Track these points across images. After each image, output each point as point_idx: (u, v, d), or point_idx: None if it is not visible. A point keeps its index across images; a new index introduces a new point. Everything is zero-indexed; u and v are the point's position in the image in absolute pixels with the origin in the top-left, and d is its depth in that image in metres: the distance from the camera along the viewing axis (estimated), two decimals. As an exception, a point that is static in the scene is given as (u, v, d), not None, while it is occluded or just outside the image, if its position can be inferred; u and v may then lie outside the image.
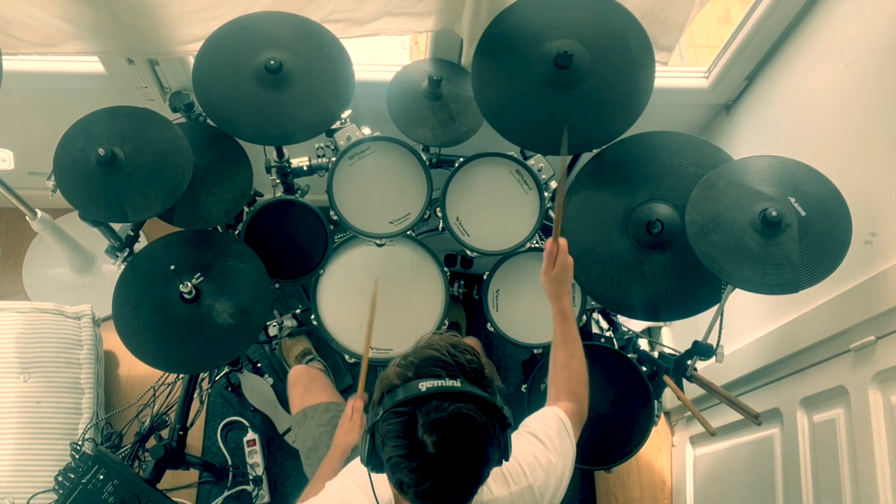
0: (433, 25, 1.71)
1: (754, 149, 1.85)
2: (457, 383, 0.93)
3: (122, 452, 1.86)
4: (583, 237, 1.57)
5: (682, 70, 2.08)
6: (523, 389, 1.72)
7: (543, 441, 1.22)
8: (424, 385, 0.92)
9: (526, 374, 1.82)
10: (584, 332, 1.82)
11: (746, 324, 1.93)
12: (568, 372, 1.35)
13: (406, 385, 0.94)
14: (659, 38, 1.70)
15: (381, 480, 1.04)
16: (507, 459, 1.00)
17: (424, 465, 0.91)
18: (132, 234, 1.71)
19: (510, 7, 1.55)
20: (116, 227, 1.68)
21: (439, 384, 0.93)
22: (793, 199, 1.33)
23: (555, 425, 1.25)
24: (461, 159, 1.71)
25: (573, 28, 1.51)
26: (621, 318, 1.92)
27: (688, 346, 1.54)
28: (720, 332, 1.45)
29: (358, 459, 1.22)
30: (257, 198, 1.85)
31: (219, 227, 1.78)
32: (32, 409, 2.06)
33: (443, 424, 0.91)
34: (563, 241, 1.38)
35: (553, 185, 1.78)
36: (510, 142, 1.54)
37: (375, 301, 1.45)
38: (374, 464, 1.00)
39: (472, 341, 1.97)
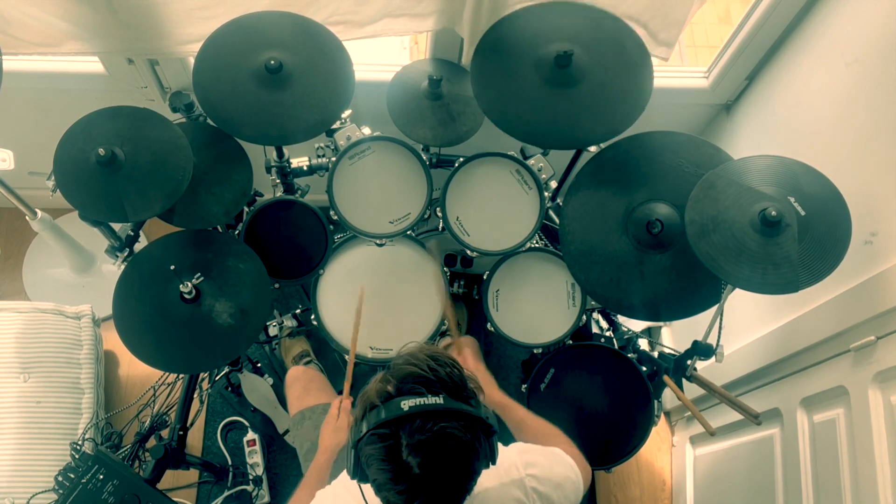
0: (433, 25, 1.71)
1: (754, 149, 1.85)
2: (439, 400, 0.92)
3: (122, 452, 1.86)
4: (583, 237, 1.57)
5: (682, 70, 2.08)
6: (523, 389, 1.72)
7: (537, 450, 1.23)
8: (407, 404, 0.91)
9: (526, 374, 1.82)
10: (585, 332, 1.82)
11: (746, 324, 1.93)
12: (543, 441, 1.34)
13: (388, 404, 0.93)
14: (659, 33, 1.70)
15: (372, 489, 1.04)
16: (494, 464, 0.99)
17: (411, 486, 0.91)
18: (132, 234, 1.71)
19: (508, 17, 1.56)
20: (116, 227, 1.68)
21: (421, 402, 0.91)
22: (792, 199, 1.33)
23: (554, 451, 1.26)
24: (461, 159, 1.71)
25: (570, 34, 1.54)
26: (621, 318, 1.91)
27: (688, 346, 1.54)
28: (720, 332, 1.45)
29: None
30: (257, 198, 1.85)
31: (219, 227, 1.78)
32: (32, 409, 2.06)
33: (427, 445, 0.90)
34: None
35: (553, 184, 1.78)
36: (510, 135, 1.53)
37: (362, 305, 1.46)
38: (360, 477, 0.99)
39: (467, 341, 1.97)
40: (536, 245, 1.81)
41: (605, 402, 1.68)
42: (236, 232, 1.74)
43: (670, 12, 1.66)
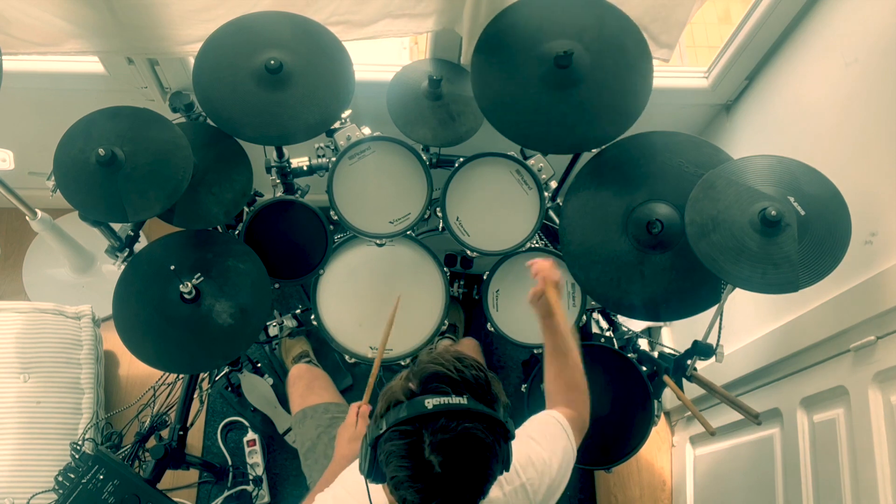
0: (433, 26, 1.71)
1: (754, 149, 1.85)
2: (463, 400, 0.92)
3: (122, 452, 1.86)
4: (583, 237, 1.57)
5: (682, 70, 2.08)
6: (523, 389, 1.72)
7: (537, 440, 1.22)
8: (431, 402, 0.91)
9: (526, 374, 1.83)
10: (584, 332, 1.82)
11: (746, 324, 1.93)
12: (562, 381, 1.33)
13: (412, 401, 0.93)
14: (660, 35, 1.70)
15: (376, 490, 1.03)
16: (507, 470, 0.99)
17: (430, 484, 0.91)
18: (132, 234, 1.71)
19: (509, 7, 1.55)
20: (116, 227, 1.68)
21: (446, 402, 0.91)
22: (792, 199, 1.33)
23: (550, 424, 1.25)
24: (461, 159, 1.71)
25: (573, 30, 1.52)
26: (621, 318, 1.91)
27: (688, 346, 1.54)
28: (720, 332, 1.45)
29: (348, 470, 1.22)
30: (257, 198, 1.85)
31: (219, 227, 1.78)
32: (32, 409, 2.06)
33: (450, 445, 0.90)
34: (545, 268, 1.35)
35: (553, 185, 1.78)
36: (509, 139, 1.53)
37: (394, 314, 1.44)
38: (374, 476, 0.99)
39: (470, 342, 1.97)
40: (536, 245, 1.81)
41: (605, 402, 1.67)
42: (236, 232, 1.74)
43: (671, 15, 1.66)
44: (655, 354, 1.74)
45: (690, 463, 2.33)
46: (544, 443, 1.22)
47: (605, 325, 1.87)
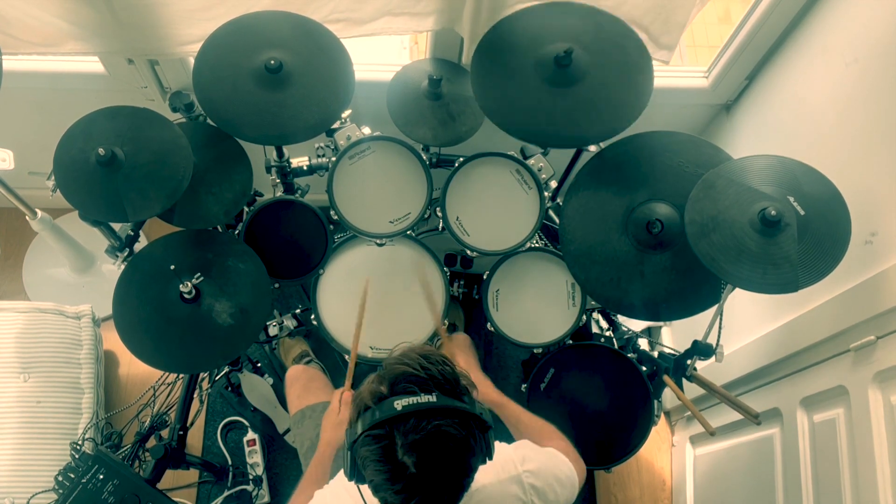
0: (433, 25, 1.71)
1: (754, 149, 1.85)
2: (432, 398, 0.92)
3: (122, 452, 1.86)
4: (583, 237, 1.57)
5: (682, 70, 2.08)
6: (523, 389, 1.72)
7: (535, 450, 1.23)
8: (400, 403, 0.91)
9: (526, 374, 1.82)
10: (584, 331, 1.82)
11: (746, 324, 1.93)
12: (539, 438, 1.34)
13: (381, 404, 0.93)
14: (660, 36, 1.70)
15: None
16: (490, 459, 0.99)
17: (408, 485, 0.91)
18: (132, 233, 1.71)
19: (508, 17, 1.56)
20: (116, 227, 1.68)
21: (414, 401, 0.91)
22: (792, 199, 1.33)
23: (553, 454, 1.25)
24: (461, 159, 1.71)
25: (572, 34, 1.53)
26: (621, 318, 1.91)
27: (688, 345, 1.54)
28: (720, 332, 1.45)
29: None
30: (257, 198, 1.85)
31: (219, 227, 1.78)
32: (32, 409, 2.06)
33: (422, 444, 0.90)
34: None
35: (553, 184, 1.78)
36: (509, 135, 1.53)
37: (366, 296, 1.45)
38: (358, 479, 1.00)
39: (461, 338, 1.97)
40: (536, 245, 1.81)
41: (605, 402, 1.68)
42: (236, 232, 1.74)
43: (671, 16, 1.66)
44: (655, 354, 1.74)
45: (690, 463, 2.33)
46: (543, 458, 1.22)
47: (605, 325, 1.87)
